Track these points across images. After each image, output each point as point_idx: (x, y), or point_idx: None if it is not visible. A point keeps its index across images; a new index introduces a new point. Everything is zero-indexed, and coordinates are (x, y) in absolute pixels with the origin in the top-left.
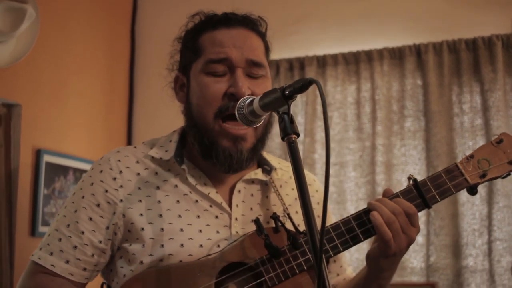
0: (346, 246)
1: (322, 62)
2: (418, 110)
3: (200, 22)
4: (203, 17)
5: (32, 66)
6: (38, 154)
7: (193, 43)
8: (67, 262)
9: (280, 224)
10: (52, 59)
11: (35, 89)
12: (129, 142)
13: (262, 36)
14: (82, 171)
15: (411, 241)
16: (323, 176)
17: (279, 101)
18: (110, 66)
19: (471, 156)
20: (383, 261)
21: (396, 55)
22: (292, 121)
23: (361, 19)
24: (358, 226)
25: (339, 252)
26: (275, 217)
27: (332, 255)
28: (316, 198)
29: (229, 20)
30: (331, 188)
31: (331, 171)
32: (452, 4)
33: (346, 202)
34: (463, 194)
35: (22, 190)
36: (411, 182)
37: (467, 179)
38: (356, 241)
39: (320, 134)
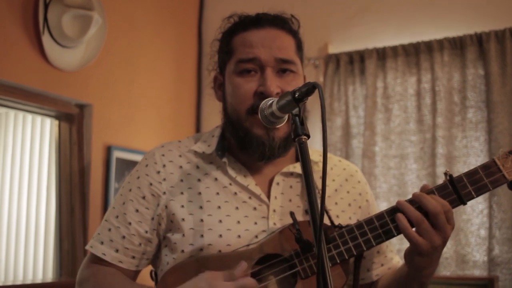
0: (379, 240)
1: (382, 54)
2: (480, 100)
3: (233, 24)
4: (237, 19)
5: (102, 68)
6: (109, 150)
7: (226, 44)
8: (117, 251)
9: None
10: (121, 60)
11: (105, 89)
12: None
13: (294, 34)
14: None
15: (446, 238)
16: (383, 168)
17: (291, 103)
18: (178, 63)
19: (511, 151)
20: (419, 259)
21: (457, 44)
22: (302, 122)
23: (421, 9)
24: (392, 221)
25: (372, 246)
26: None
27: (365, 249)
28: (357, 189)
29: (260, 21)
30: (392, 181)
31: (391, 164)
32: None
33: (407, 195)
34: None
35: (95, 184)
36: (447, 177)
37: (505, 175)
38: (389, 235)
39: (380, 127)
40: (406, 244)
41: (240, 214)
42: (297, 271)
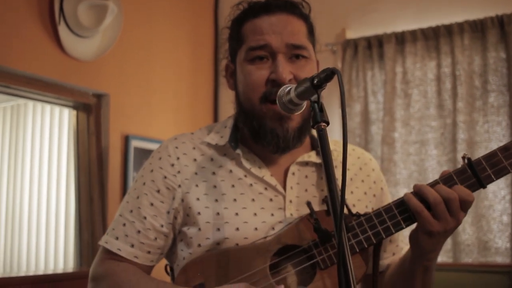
0: (399, 228)
1: (400, 38)
2: (502, 84)
3: (243, 11)
4: (246, 6)
5: (118, 57)
6: (126, 139)
7: (237, 32)
8: (132, 246)
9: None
10: (137, 49)
11: (122, 79)
12: None
13: (305, 18)
14: None
15: (458, 223)
16: (403, 154)
17: (310, 90)
18: (195, 52)
19: None
20: (426, 240)
21: (478, 27)
22: (321, 109)
23: None
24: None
25: (391, 234)
26: (326, 200)
27: (384, 237)
28: (372, 177)
29: (270, 7)
30: (412, 167)
31: (411, 150)
32: None
33: (428, 181)
34: None
35: (113, 174)
36: (465, 161)
37: None
38: (409, 222)
39: (400, 113)
40: None
41: (256, 206)
42: (316, 262)
